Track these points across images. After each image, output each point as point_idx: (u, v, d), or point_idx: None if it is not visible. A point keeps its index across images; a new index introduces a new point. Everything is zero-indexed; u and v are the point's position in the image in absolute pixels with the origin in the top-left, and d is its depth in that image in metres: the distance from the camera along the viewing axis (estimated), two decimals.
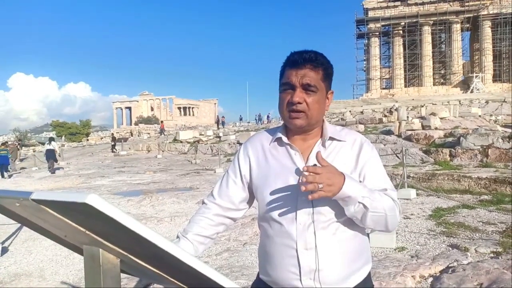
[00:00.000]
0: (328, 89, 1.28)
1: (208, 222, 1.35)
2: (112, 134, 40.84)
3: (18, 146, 23.50)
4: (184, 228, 1.36)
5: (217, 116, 45.02)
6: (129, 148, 28.13)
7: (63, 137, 52.61)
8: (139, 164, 18.57)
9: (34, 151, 31.54)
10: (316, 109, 1.24)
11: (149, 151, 26.86)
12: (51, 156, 16.46)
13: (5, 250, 5.09)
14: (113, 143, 29.06)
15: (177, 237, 1.33)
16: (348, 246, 1.23)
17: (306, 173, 1.06)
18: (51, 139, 18.76)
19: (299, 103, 1.21)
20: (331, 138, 1.28)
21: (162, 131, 41.52)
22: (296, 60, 1.22)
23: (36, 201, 0.66)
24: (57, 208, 0.67)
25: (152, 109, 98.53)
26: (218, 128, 36.62)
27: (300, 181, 1.14)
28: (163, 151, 24.07)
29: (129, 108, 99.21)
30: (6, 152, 16.26)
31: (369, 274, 1.31)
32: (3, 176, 15.47)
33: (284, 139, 1.29)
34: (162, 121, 48.32)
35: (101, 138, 53.62)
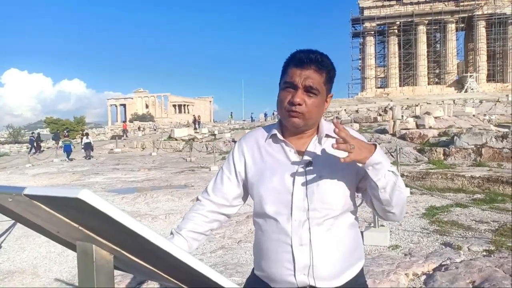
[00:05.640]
0: (328, 92, 1.28)
1: (202, 219, 1.35)
2: (83, 130, 45.27)
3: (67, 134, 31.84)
4: (178, 224, 1.36)
5: (194, 115, 43.28)
6: (124, 146, 28.04)
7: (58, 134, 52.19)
8: (134, 162, 18.50)
9: (27, 148, 31.35)
10: (315, 112, 1.24)
11: (143, 148, 26.78)
12: (89, 147, 21.33)
13: None
14: (82, 138, 31.96)
15: (171, 233, 1.34)
16: (342, 243, 1.24)
17: (340, 128, 1.10)
18: (87, 134, 24.35)
19: (299, 104, 1.21)
20: (327, 135, 1.28)
21: (125, 132, 39.57)
22: (302, 59, 1.21)
23: (29, 196, 0.65)
24: (50, 203, 0.67)
25: (147, 106, 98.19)
26: (195, 129, 33.39)
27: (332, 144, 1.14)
28: (157, 148, 24.01)
29: (124, 105, 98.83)
30: (69, 142, 22.14)
31: (362, 269, 1.32)
32: (68, 159, 20.60)
33: (279, 136, 1.29)
34: (124, 121, 46.60)
35: (96, 135, 53.29)
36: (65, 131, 33.61)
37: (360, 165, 1.16)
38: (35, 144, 28.03)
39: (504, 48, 56.33)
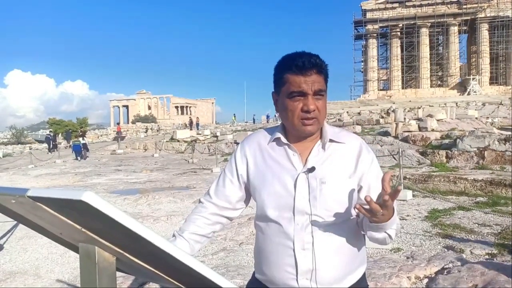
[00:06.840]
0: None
1: (204, 221, 1.35)
2: (84, 132, 45.23)
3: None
4: (180, 227, 1.36)
5: (190, 117, 41.31)
6: (126, 147, 28.08)
7: (59, 135, 52.32)
8: (136, 163, 18.52)
9: (30, 149, 31.45)
10: (324, 113, 1.25)
11: (146, 149, 26.80)
12: (84, 148, 22.64)
13: (0, 247, 5.07)
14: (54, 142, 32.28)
15: (173, 235, 1.33)
16: (345, 247, 1.23)
17: (386, 197, 1.03)
18: (83, 136, 26.22)
19: (313, 110, 1.20)
20: (331, 140, 1.27)
21: (119, 134, 38.28)
22: (303, 65, 1.18)
23: (32, 198, 0.66)
24: (53, 205, 0.67)
25: (149, 107, 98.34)
26: (191, 129, 33.05)
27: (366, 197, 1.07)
28: (160, 150, 24.03)
29: (126, 107, 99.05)
30: (79, 142, 23.29)
31: (364, 274, 1.32)
32: (76, 159, 21.77)
33: (283, 139, 1.28)
34: (118, 123, 45.35)
35: (98, 136, 53.39)
36: (79, 131, 34.23)
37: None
38: (51, 143, 29.63)
39: (507, 51, 56.19)
